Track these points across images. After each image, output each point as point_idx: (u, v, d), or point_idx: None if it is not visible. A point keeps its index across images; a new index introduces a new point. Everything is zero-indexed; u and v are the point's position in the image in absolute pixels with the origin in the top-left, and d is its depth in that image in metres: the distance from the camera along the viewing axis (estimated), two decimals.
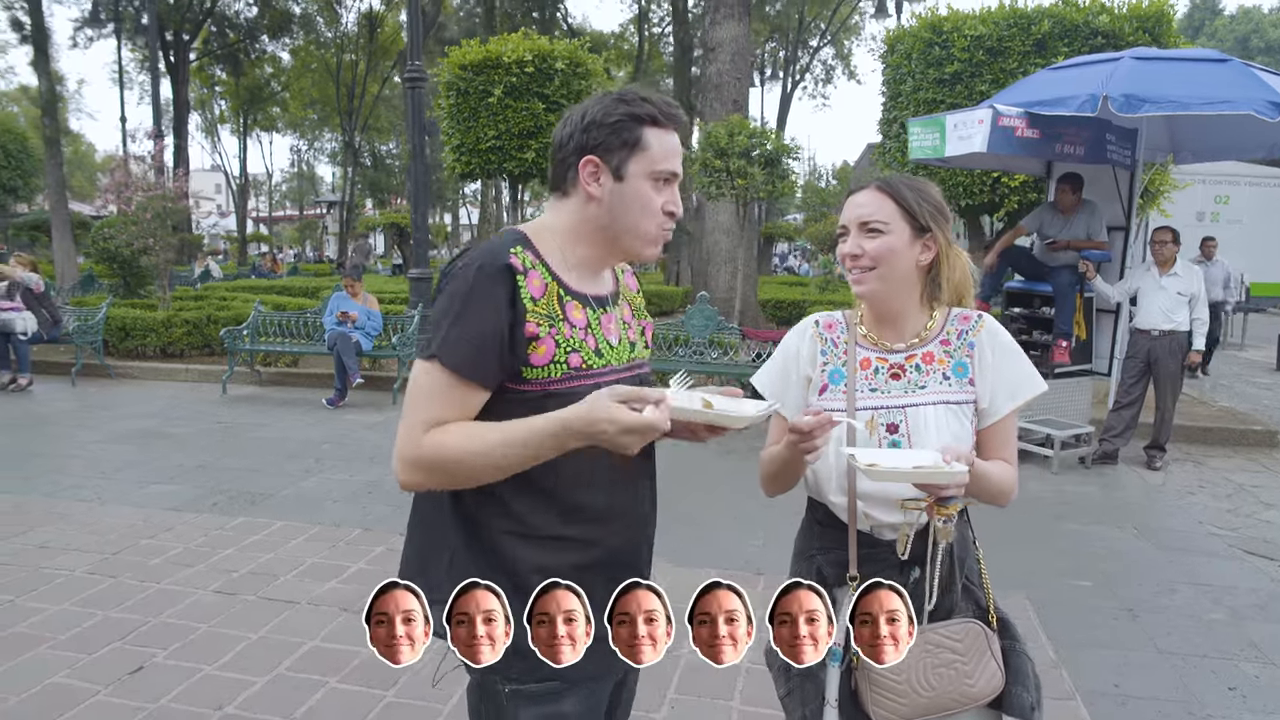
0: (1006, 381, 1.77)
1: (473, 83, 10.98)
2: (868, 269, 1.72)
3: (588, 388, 1.48)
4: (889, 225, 1.71)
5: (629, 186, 1.53)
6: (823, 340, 1.86)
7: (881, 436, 1.73)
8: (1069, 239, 7.09)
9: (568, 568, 1.53)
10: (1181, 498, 6.21)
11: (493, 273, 1.45)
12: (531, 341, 1.47)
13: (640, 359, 1.72)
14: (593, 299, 1.60)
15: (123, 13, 25.48)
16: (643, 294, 1.85)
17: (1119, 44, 8.35)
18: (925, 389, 1.75)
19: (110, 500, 5.72)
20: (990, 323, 1.80)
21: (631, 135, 1.52)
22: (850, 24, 33.18)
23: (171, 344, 11.39)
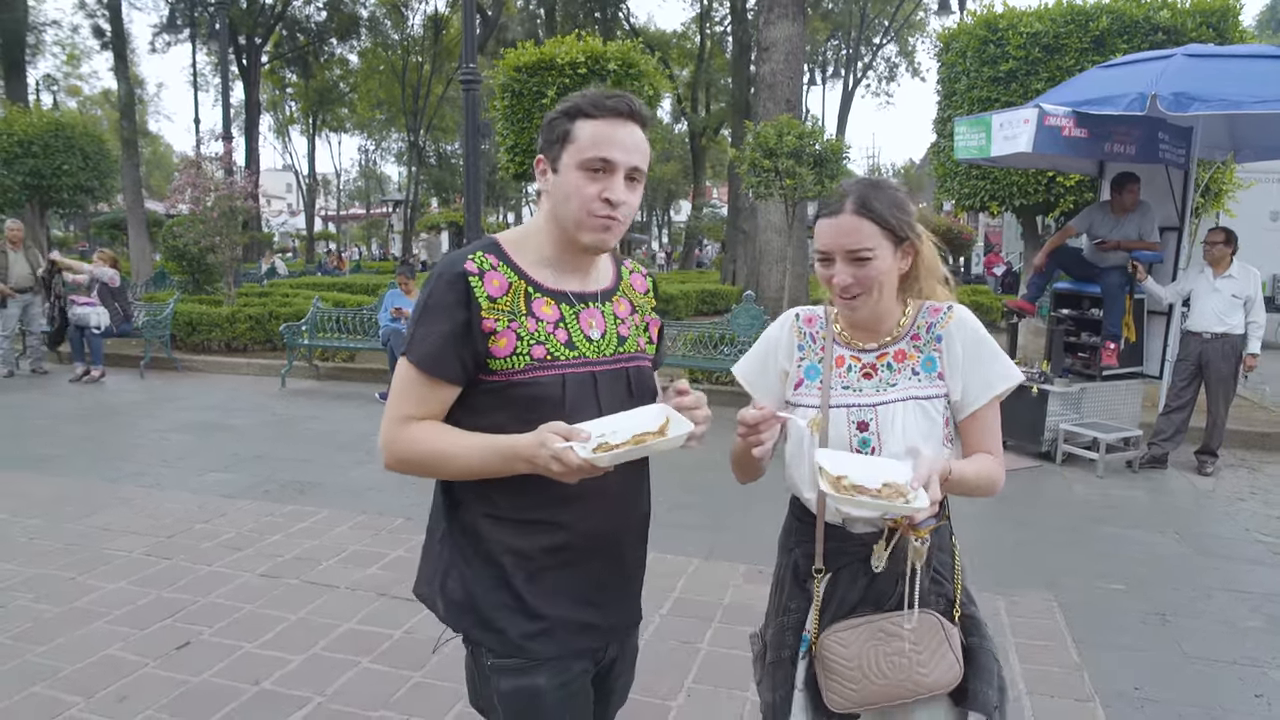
0: (979, 375, 1.78)
1: (527, 84, 11.13)
2: (858, 295, 1.74)
3: (551, 378, 1.62)
4: (874, 250, 1.71)
5: (562, 178, 1.61)
6: (801, 334, 1.89)
7: (852, 434, 1.76)
8: (1119, 239, 6.96)
9: (539, 550, 1.66)
10: (1230, 504, 6.07)
11: (450, 278, 1.59)
12: (490, 335, 1.58)
13: (631, 352, 1.76)
14: (573, 295, 1.69)
15: (198, 18, 26.34)
16: (655, 295, 1.91)
17: (1180, 40, 8.13)
18: (895, 386, 1.77)
19: (169, 487, 6.00)
20: (960, 314, 1.81)
21: (561, 129, 1.61)
22: (914, 20, 32.74)
23: (235, 339, 11.82)
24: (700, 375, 9.51)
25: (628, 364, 1.75)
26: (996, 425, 1.83)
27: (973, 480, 1.72)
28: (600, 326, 1.71)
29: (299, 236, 47.35)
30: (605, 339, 1.71)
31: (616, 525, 1.75)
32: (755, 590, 4.35)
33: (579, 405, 1.62)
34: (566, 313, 1.67)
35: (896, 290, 1.82)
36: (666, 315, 13.65)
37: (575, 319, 1.68)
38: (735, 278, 20.54)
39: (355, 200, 63.23)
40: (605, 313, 1.73)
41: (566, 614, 1.68)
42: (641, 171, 1.65)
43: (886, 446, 1.73)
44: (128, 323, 10.95)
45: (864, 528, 1.77)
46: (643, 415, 1.62)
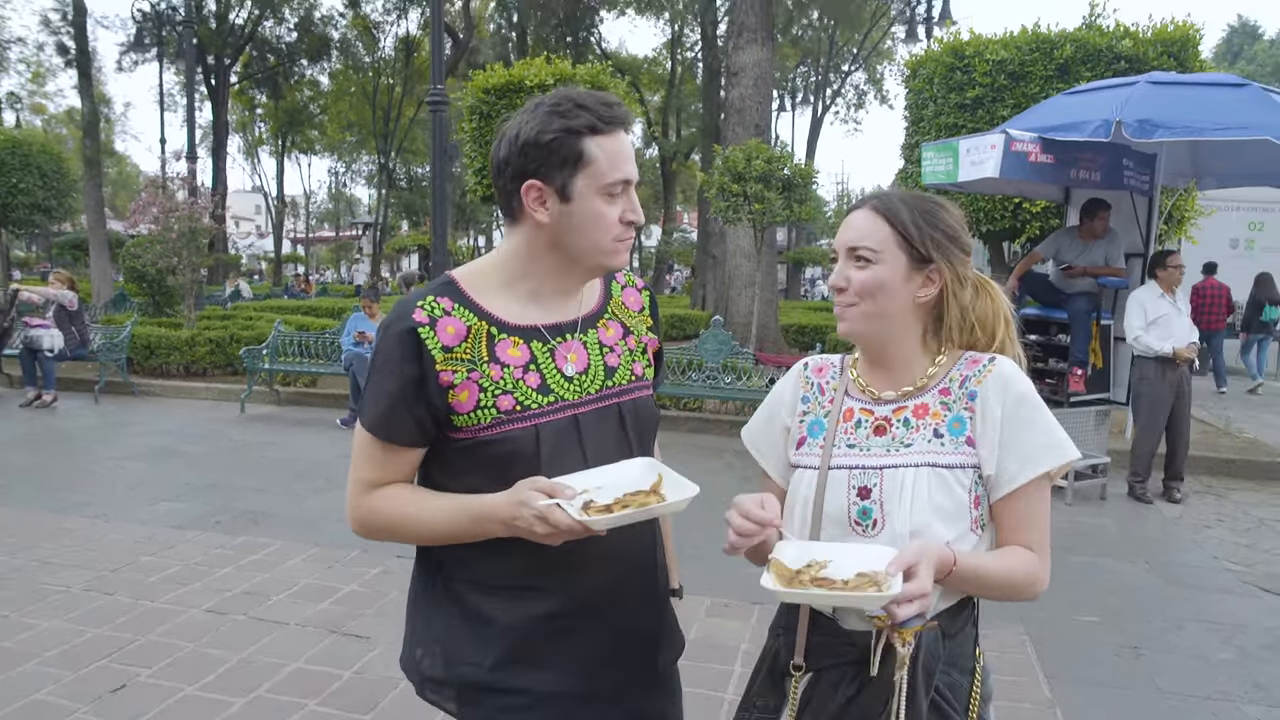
0: (1021, 444, 1.41)
1: (495, 106, 11.08)
2: (851, 304, 1.48)
3: (523, 431, 1.44)
4: (880, 254, 1.45)
5: (578, 206, 1.42)
6: (808, 385, 1.62)
7: (851, 501, 1.45)
8: (1086, 265, 6.97)
9: (527, 619, 1.48)
10: (1198, 531, 6.05)
11: (397, 332, 1.42)
12: (449, 390, 1.42)
13: (623, 384, 1.56)
14: (546, 329, 1.50)
15: (166, 38, 26.08)
16: (651, 313, 1.70)
17: (1143, 68, 8.22)
18: (910, 447, 1.45)
19: (117, 517, 5.78)
20: (1003, 367, 1.46)
21: (572, 151, 1.40)
22: (882, 48, 33.13)
23: (195, 363, 11.57)
24: (668, 401, 9.41)
25: (619, 398, 1.55)
26: (1041, 513, 1.44)
27: (993, 578, 1.38)
28: (581, 360, 1.52)
29: (266, 259, 46.87)
30: (589, 374, 1.52)
31: (618, 582, 1.54)
32: (721, 624, 4.23)
33: (559, 457, 1.44)
34: (538, 351, 1.49)
35: (923, 333, 1.51)
36: None
37: (549, 357, 1.49)
38: (704, 302, 20.51)
39: (325, 223, 62.73)
40: (588, 342, 1.54)
41: (561, 687, 1.49)
42: (638, 182, 1.52)
43: (891, 521, 1.41)
44: (83, 346, 10.66)
45: (857, 623, 1.44)
46: (630, 470, 1.44)
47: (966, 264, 1.50)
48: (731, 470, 7.35)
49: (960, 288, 1.48)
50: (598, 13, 30.39)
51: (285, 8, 32.32)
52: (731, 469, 7.40)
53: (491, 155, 1.51)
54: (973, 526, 1.42)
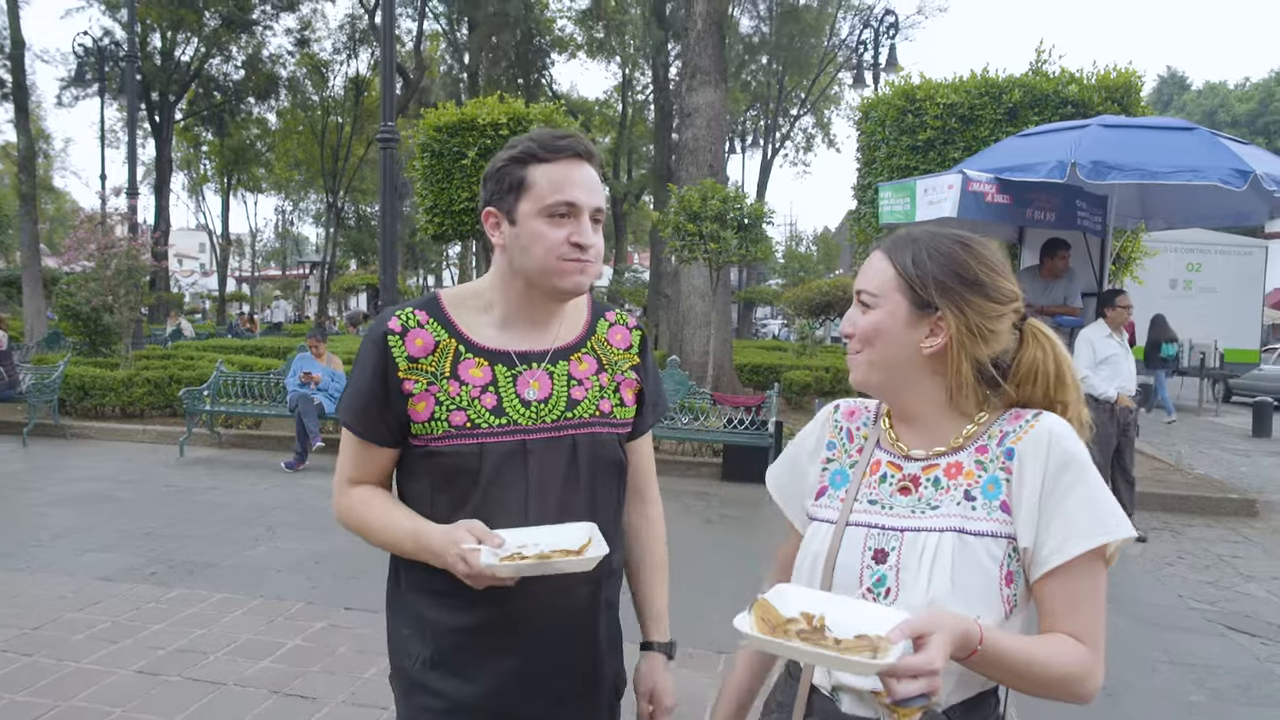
0: (1065, 513, 1.21)
1: (447, 144, 10.95)
2: (856, 351, 1.36)
3: (469, 448, 1.49)
4: (879, 297, 1.32)
5: (523, 228, 1.50)
6: (836, 430, 1.46)
7: (865, 564, 1.29)
8: (1046, 304, 7.01)
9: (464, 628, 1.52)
10: (1159, 569, 6.03)
11: (374, 338, 1.53)
12: (408, 398, 1.50)
13: (584, 418, 1.57)
14: (516, 354, 1.56)
15: (108, 73, 25.58)
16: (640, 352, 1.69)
17: (1088, 113, 8.40)
18: (937, 510, 1.28)
19: (41, 569, 5.42)
20: (1047, 424, 1.27)
21: (515, 177, 1.50)
22: (830, 94, 33.82)
23: (132, 404, 11.12)
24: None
25: (575, 431, 1.56)
26: (1092, 597, 1.21)
27: (1030, 665, 1.15)
28: (544, 389, 1.55)
29: (210, 297, 45.93)
30: (549, 403, 1.55)
31: (551, 609, 1.54)
32: (686, 676, 4.05)
33: (504, 479, 1.50)
34: (501, 375, 1.54)
35: (947, 388, 1.33)
36: None
37: (512, 382, 1.54)
38: (658, 342, 20.48)
39: (271, 261, 61.83)
40: (555, 373, 1.57)
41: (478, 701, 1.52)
42: (603, 212, 1.55)
43: (907, 591, 1.23)
44: (12, 388, 10.19)
45: (856, 706, 1.27)
46: (572, 532, 1.46)
47: (990, 312, 1.29)
48: (690, 513, 7.19)
49: (972, 339, 1.28)
50: (549, 55, 30.63)
51: (233, 45, 32.01)
52: (690, 511, 7.24)
53: None
54: (1005, 606, 1.21)
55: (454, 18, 29.81)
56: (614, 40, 28.52)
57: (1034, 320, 1.38)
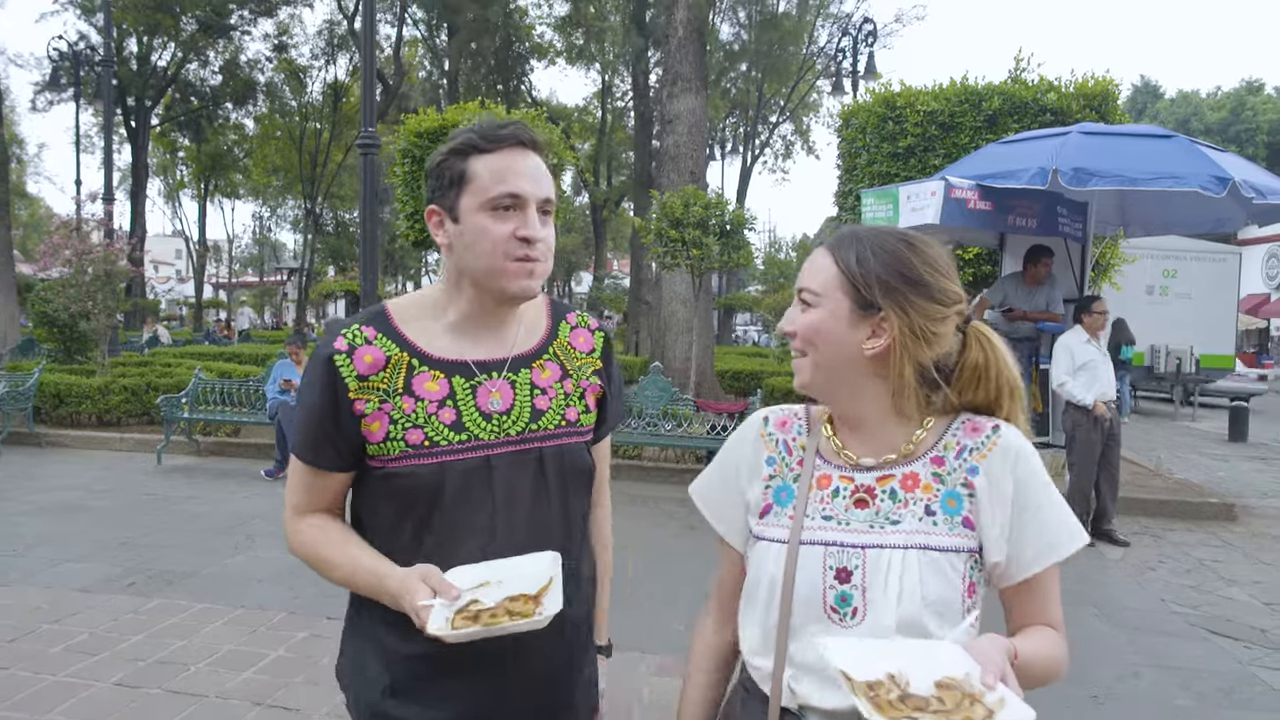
0: (1039, 529, 1.25)
1: (427, 150, 10.90)
2: (800, 352, 1.32)
3: (429, 468, 1.41)
4: (820, 296, 1.28)
5: (466, 224, 1.42)
6: (773, 444, 1.40)
7: (828, 585, 1.25)
8: (1028, 309, 7.06)
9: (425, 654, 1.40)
10: (1141, 573, 6.07)
11: (318, 360, 1.44)
12: (360, 419, 1.42)
13: (550, 429, 1.49)
14: (474, 364, 1.47)
15: (83, 78, 25.32)
16: (603, 356, 1.62)
17: (1066, 121, 8.49)
18: (899, 525, 1.25)
19: (15, 580, 5.33)
20: (1009, 440, 1.28)
21: (455, 171, 1.42)
22: (809, 101, 33.97)
23: (108, 412, 10.97)
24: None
25: (542, 443, 1.48)
26: (1057, 589, 1.30)
27: (1043, 662, 1.22)
28: (506, 400, 1.47)
29: (188, 304, 45.49)
30: (511, 415, 1.47)
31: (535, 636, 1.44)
32: (674, 685, 4.02)
33: (468, 498, 1.42)
34: (459, 387, 1.46)
35: (893, 392, 1.30)
36: None
37: (470, 394, 1.46)
38: (639, 348, 20.48)
39: (249, 268, 61.32)
40: (517, 382, 1.49)
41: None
42: (553, 203, 1.46)
43: (875, 611, 1.22)
44: None
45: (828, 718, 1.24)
46: (535, 565, 1.36)
47: (934, 314, 1.26)
48: (673, 520, 7.18)
49: (915, 340, 1.25)
50: (528, 61, 30.59)
51: (210, 50, 31.76)
52: (673, 518, 7.23)
53: None
54: (965, 618, 1.22)
55: (433, 23, 29.71)
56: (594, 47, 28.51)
57: (978, 323, 1.36)
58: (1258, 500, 8.62)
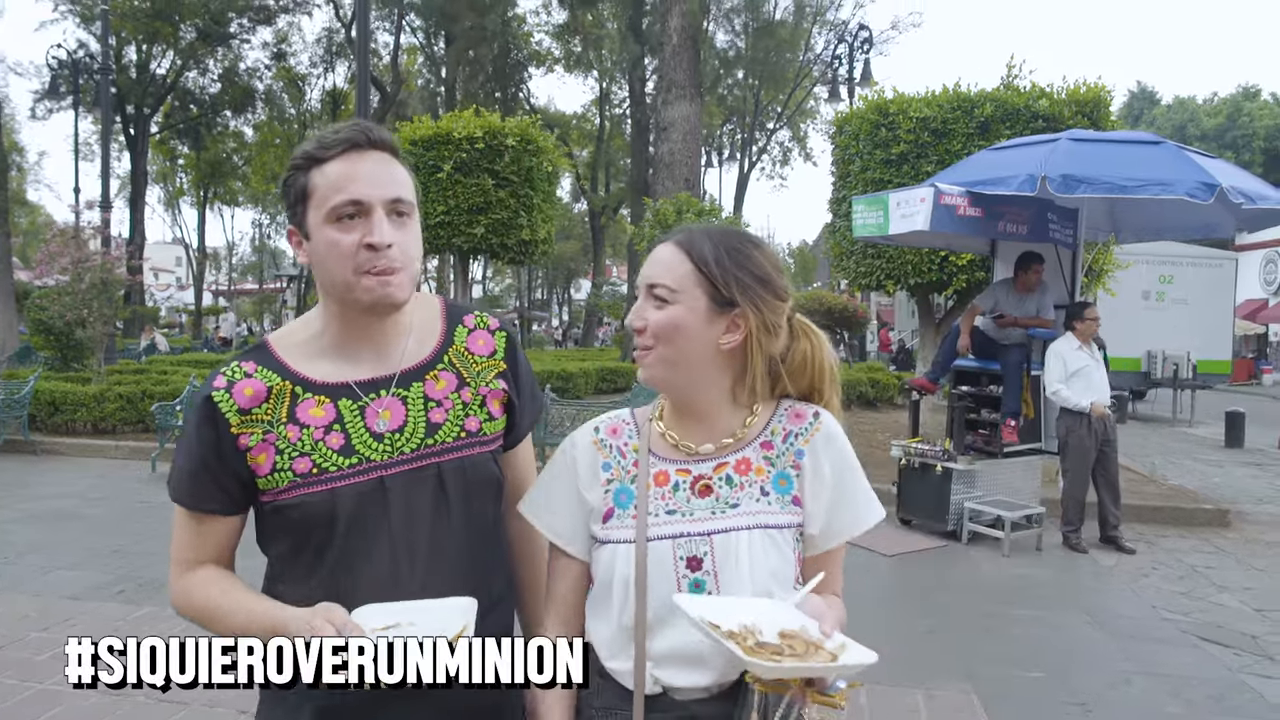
0: (851, 502, 1.39)
1: (423, 158, 10.95)
2: (648, 347, 1.34)
3: (319, 496, 1.34)
4: (678, 293, 1.31)
5: (315, 241, 1.34)
6: (606, 450, 1.43)
7: (680, 574, 1.31)
8: (1020, 317, 7.05)
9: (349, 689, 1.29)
10: (1134, 580, 6.07)
11: (199, 401, 1.37)
12: (246, 453, 1.35)
13: (447, 442, 1.42)
14: (359, 385, 1.40)
15: (82, 86, 25.40)
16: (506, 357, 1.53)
17: (1059, 127, 8.50)
18: (738, 508, 1.34)
19: (5, 588, 5.33)
20: (829, 426, 1.41)
21: (297, 186, 1.35)
22: (806, 108, 34.08)
23: (104, 419, 10.97)
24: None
25: (439, 458, 1.41)
26: (841, 563, 1.45)
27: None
28: (397, 418, 1.40)
29: (187, 311, 45.52)
30: (404, 433, 1.39)
31: None
32: None
33: (362, 526, 1.35)
34: (346, 410, 1.38)
35: (734, 382, 1.39)
36: (565, 394, 13.36)
37: (359, 415, 1.38)
38: None
39: (248, 275, 61.38)
40: (408, 398, 1.41)
41: None
42: (407, 203, 1.36)
43: (727, 591, 1.30)
44: None
45: (695, 693, 1.31)
46: (448, 611, 1.28)
47: (779, 310, 1.37)
48: None
49: (767, 335, 1.35)
50: (526, 69, 30.69)
51: (209, 58, 31.85)
52: None
53: None
54: (797, 585, 1.33)
55: (431, 31, 29.83)
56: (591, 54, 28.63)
57: (801, 317, 1.46)
58: (1252, 506, 8.63)
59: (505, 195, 10.97)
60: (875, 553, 6.41)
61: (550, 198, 12.08)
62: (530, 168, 11.14)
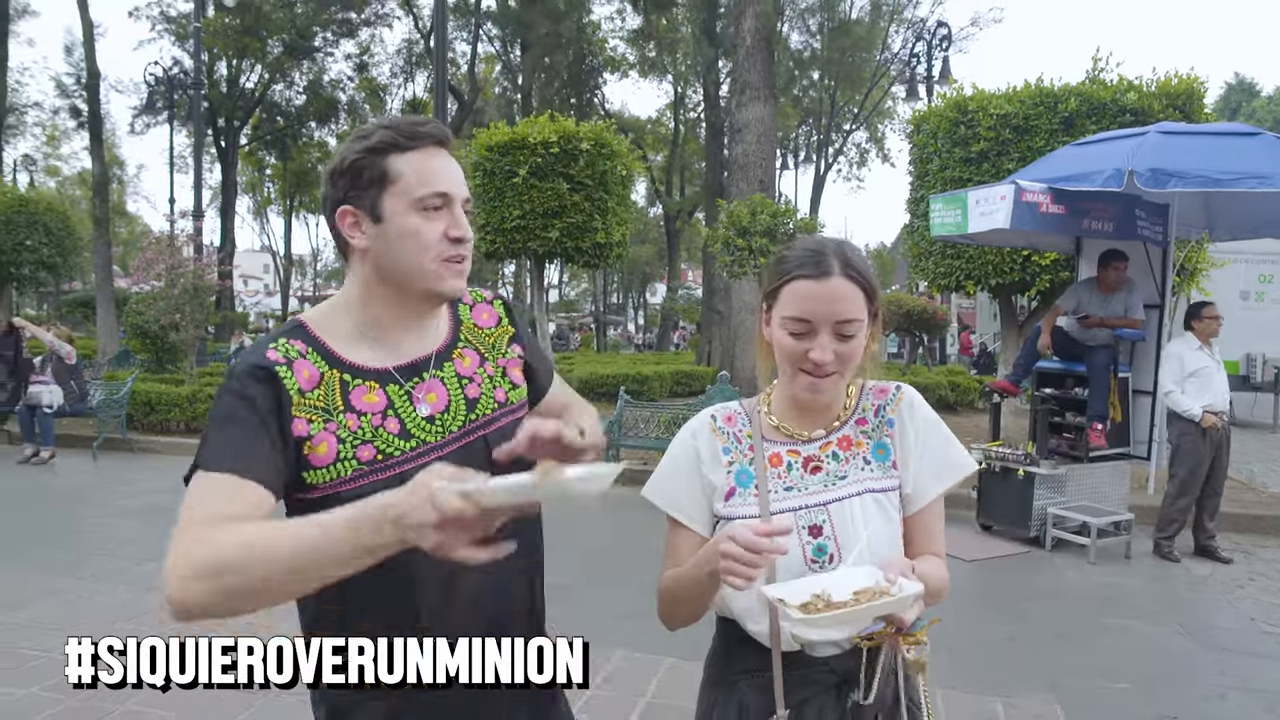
0: (932, 462, 1.54)
1: (499, 163, 11.11)
2: (834, 372, 1.44)
3: (389, 480, 1.32)
4: (863, 323, 1.45)
5: (392, 225, 1.36)
6: (724, 436, 1.57)
7: (804, 541, 1.46)
8: (1105, 316, 6.80)
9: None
10: (1230, 591, 5.80)
11: (251, 371, 1.30)
12: (305, 441, 1.31)
13: (488, 414, 1.47)
14: (398, 370, 1.42)
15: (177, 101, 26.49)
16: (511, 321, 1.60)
17: (1148, 121, 8.17)
18: (846, 479, 1.50)
19: (105, 578, 5.58)
20: (909, 394, 1.59)
21: (377, 170, 1.36)
22: (883, 108, 33.53)
23: (196, 419, 11.41)
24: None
25: (484, 430, 1.46)
26: (941, 522, 1.57)
27: (932, 582, 1.44)
28: (442, 399, 1.44)
29: (274, 316, 47.09)
30: (450, 412, 1.44)
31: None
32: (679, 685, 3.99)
33: None
34: (395, 395, 1.40)
35: (865, 372, 1.58)
36: (640, 396, 13.40)
37: (407, 400, 1.41)
38: (710, 359, 20.41)
39: (332, 280, 63.21)
40: (445, 378, 1.46)
41: None
42: (470, 203, 1.44)
43: (846, 551, 1.44)
44: (82, 402, 10.54)
45: (829, 649, 1.47)
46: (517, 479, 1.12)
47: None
48: None
49: (882, 331, 1.55)
50: (601, 74, 30.90)
51: (295, 71, 32.91)
52: None
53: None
54: (900, 543, 1.50)
55: (507, 40, 30.27)
56: (665, 58, 28.67)
57: None
58: None
59: (580, 199, 11.05)
60: (954, 558, 6.26)
61: (624, 201, 12.13)
62: (604, 171, 11.21)
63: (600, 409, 11.60)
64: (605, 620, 4.88)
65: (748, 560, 1.24)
